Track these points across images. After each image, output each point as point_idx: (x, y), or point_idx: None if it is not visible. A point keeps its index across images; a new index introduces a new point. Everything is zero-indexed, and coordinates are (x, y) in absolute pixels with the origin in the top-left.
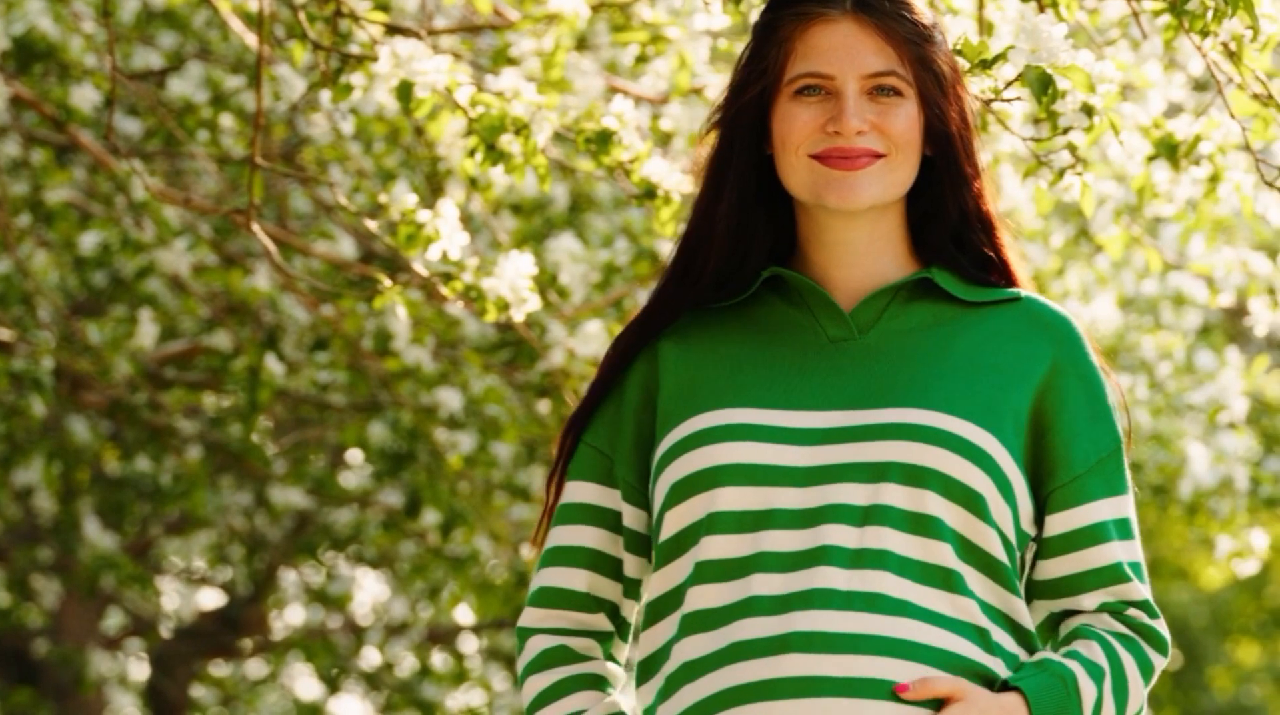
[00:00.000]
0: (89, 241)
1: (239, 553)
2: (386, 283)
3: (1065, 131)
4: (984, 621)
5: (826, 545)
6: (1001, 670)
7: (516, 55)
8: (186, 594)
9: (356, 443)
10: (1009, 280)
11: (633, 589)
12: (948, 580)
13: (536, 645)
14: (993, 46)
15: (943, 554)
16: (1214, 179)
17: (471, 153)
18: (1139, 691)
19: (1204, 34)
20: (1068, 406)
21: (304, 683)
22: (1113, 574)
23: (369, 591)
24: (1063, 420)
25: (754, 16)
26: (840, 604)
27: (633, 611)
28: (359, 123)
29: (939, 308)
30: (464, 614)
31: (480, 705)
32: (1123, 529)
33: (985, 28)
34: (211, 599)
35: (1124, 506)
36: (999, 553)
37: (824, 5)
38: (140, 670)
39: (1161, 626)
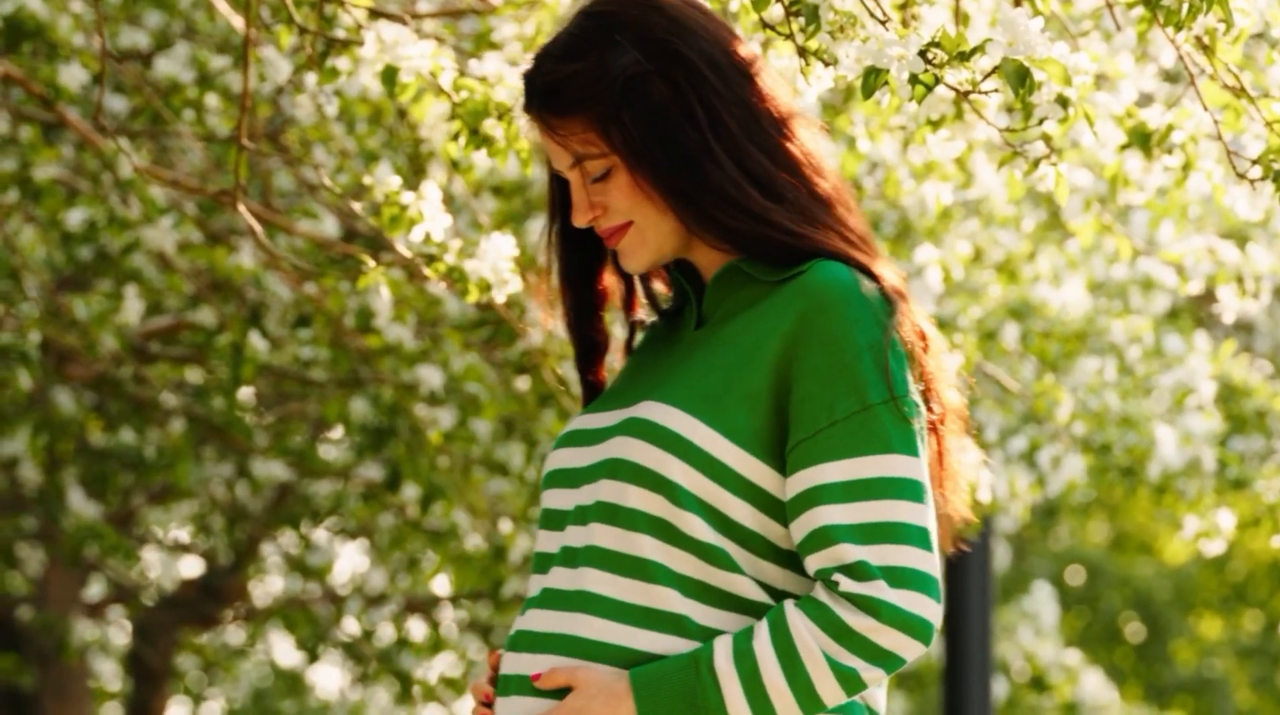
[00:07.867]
0: (76, 218)
1: (220, 523)
2: (370, 264)
3: (1040, 122)
4: (683, 607)
5: (564, 545)
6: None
7: (499, 39)
8: (168, 563)
9: (338, 418)
10: (805, 247)
11: None
12: (643, 570)
13: None
14: (970, 38)
15: (640, 545)
16: (1186, 168)
17: (455, 137)
18: (812, 651)
19: (1178, 28)
20: (801, 372)
21: (283, 651)
22: (820, 538)
23: (348, 562)
24: (797, 387)
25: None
26: (557, 603)
27: None
28: (343, 103)
29: (753, 291)
30: (441, 585)
31: (456, 675)
32: (851, 491)
33: (961, 18)
34: (193, 568)
35: (864, 467)
36: (708, 536)
37: (526, 109)
38: (122, 637)
39: (878, 590)
